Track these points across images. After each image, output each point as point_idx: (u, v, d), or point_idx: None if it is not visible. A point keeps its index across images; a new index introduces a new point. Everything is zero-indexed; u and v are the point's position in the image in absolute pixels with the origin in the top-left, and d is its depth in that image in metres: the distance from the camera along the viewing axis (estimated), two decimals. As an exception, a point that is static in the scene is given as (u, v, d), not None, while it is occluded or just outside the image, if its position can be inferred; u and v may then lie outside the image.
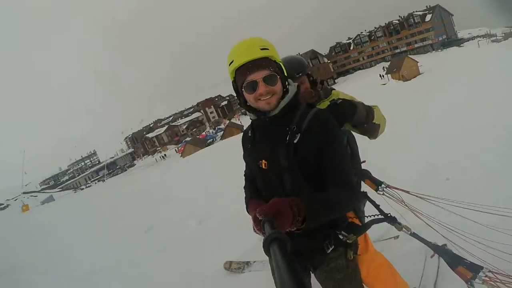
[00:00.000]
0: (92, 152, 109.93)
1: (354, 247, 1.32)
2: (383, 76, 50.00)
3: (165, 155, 73.07)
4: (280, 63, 1.20)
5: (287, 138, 1.15)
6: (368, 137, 1.75)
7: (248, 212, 1.24)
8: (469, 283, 1.58)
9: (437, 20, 62.49)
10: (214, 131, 70.33)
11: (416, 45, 65.97)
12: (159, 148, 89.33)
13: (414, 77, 35.95)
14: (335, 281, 1.29)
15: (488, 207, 1.78)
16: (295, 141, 1.13)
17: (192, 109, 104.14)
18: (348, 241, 1.26)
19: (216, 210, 5.87)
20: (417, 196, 1.92)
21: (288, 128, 1.16)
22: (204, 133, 76.51)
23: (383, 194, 1.91)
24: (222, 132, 53.86)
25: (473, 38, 56.88)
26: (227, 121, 68.02)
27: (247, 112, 1.23)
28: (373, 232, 1.71)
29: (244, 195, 1.39)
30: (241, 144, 1.42)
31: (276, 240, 0.70)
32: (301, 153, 1.14)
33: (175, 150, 69.85)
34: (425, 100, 8.58)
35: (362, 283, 1.42)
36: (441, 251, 1.72)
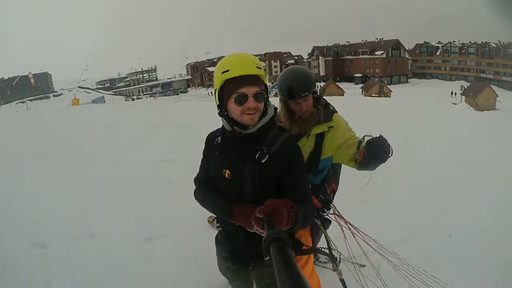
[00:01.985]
0: (153, 67, 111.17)
1: None
2: (455, 94, 47.64)
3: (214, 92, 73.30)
4: (266, 85, 1.23)
5: (256, 157, 1.22)
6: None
7: (230, 218, 1.22)
8: None
9: (538, 61, 53.92)
10: (271, 85, 68.80)
11: (503, 78, 60.36)
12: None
13: (488, 110, 31.15)
14: (265, 284, 1.41)
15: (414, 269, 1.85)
16: (262, 161, 1.21)
17: (258, 57, 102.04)
18: None
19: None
20: (352, 231, 1.99)
21: (259, 148, 1.23)
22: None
23: (333, 213, 1.94)
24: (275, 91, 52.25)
25: None
26: (286, 82, 66.13)
27: (225, 123, 1.26)
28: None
29: (208, 201, 1.38)
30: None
31: (275, 240, 0.69)
32: (266, 172, 1.22)
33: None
34: (492, 147, 5.98)
35: None
36: None
